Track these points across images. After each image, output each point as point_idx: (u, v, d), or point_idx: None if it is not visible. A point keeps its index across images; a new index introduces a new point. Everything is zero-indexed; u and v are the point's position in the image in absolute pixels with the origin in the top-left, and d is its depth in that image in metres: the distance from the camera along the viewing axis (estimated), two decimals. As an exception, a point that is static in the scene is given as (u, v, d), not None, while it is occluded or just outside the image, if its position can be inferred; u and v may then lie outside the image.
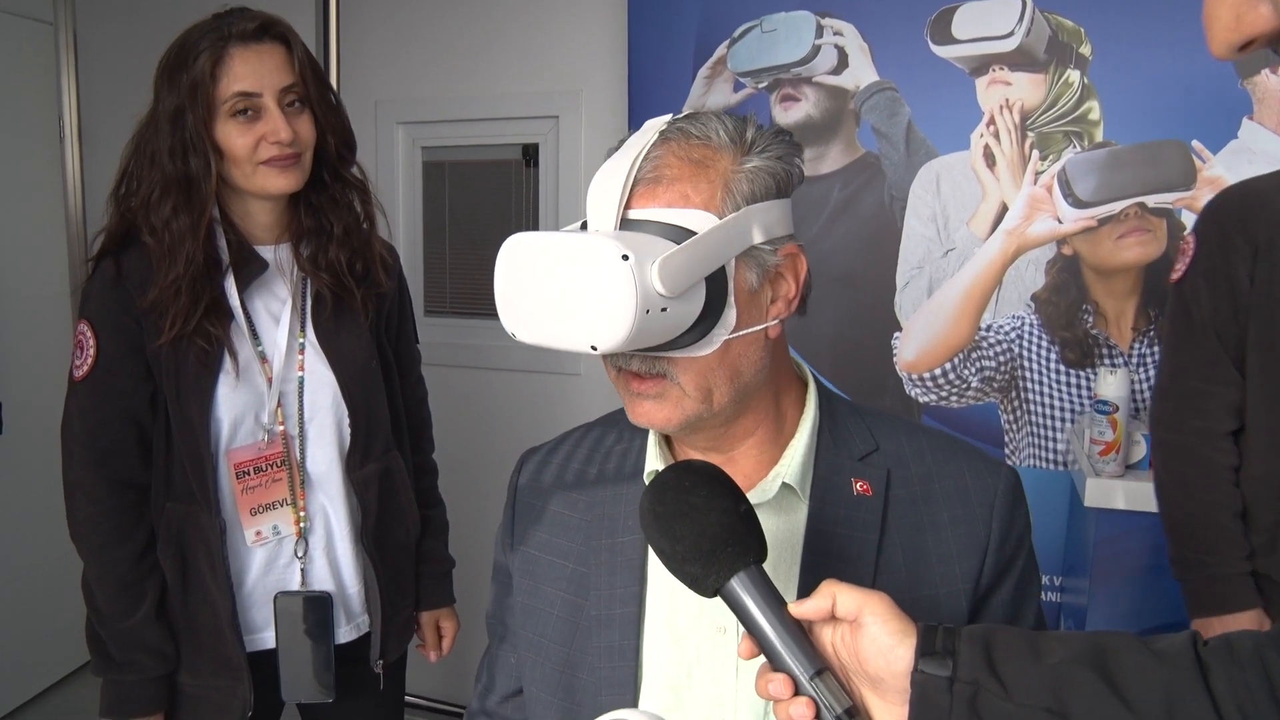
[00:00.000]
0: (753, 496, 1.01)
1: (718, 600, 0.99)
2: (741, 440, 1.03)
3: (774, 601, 0.82)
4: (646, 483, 1.06)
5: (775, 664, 0.80)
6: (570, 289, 0.87)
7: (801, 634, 0.81)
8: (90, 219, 3.40)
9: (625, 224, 0.90)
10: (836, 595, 0.80)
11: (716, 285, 0.91)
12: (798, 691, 0.79)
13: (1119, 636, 0.76)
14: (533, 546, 1.13)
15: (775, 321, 0.97)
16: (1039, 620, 1.07)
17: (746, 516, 0.84)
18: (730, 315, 0.92)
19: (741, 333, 0.94)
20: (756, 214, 0.93)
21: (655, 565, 1.04)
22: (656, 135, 0.94)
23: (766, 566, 0.99)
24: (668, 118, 0.97)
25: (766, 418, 1.03)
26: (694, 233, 0.89)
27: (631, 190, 0.92)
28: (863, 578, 0.99)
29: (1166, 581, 2.04)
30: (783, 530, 1.02)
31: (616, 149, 0.95)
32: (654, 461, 1.06)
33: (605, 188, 0.91)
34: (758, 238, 0.93)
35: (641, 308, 0.84)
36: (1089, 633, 0.77)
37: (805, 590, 0.94)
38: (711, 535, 0.82)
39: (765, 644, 0.81)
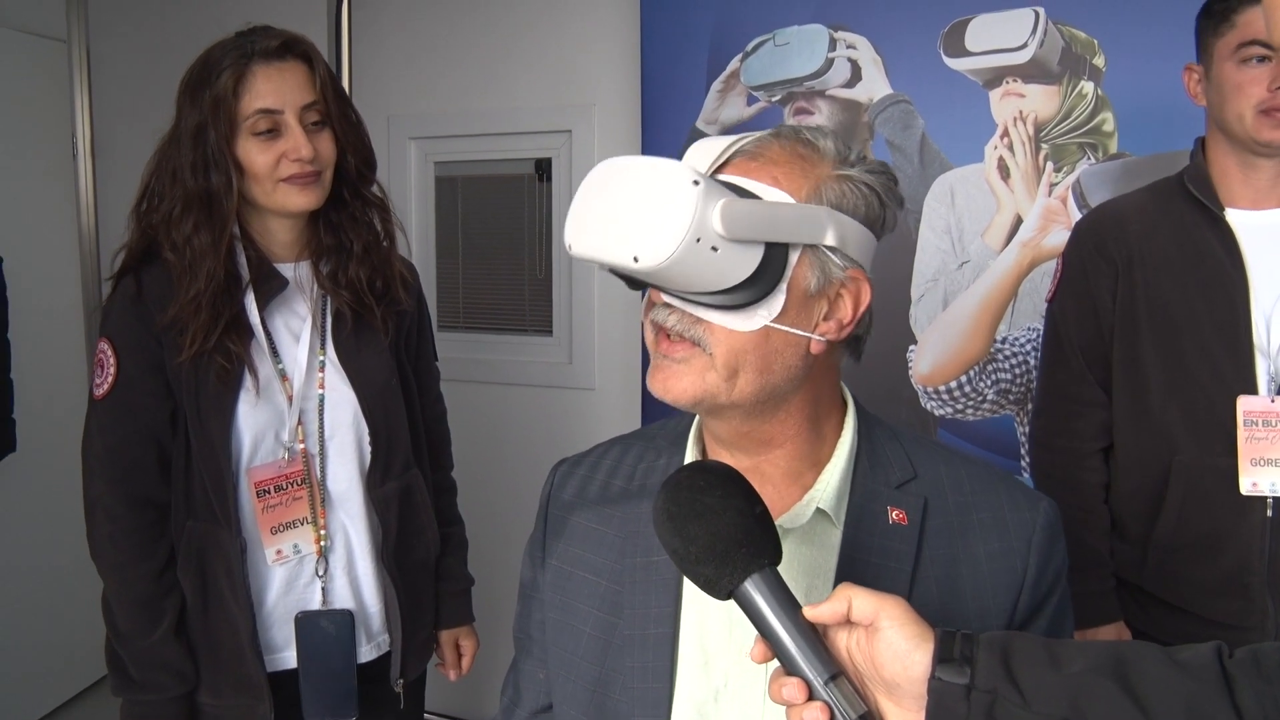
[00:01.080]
0: (786, 521, 1.00)
1: (747, 624, 0.99)
2: (770, 447, 1.01)
3: (788, 605, 0.81)
4: None
5: (789, 668, 0.79)
6: (631, 202, 0.88)
7: (816, 638, 0.80)
8: (104, 235, 3.41)
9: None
10: (852, 599, 0.79)
11: (774, 261, 0.91)
12: (812, 696, 0.78)
13: (1140, 646, 0.75)
14: (565, 561, 1.11)
15: (821, 338, 0.96)
16: None
17: (761, 518, 0.84)
18: (778, 301, 0.92)
19: (784, 327, 0.93)
20: (837, 219, 0.93)
21: (691, 585, 1.02)
22: (770, 131, 0.98)
23: (799, 593, 0.98)
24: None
25: (800, 432, 1.01)
26: None
27: (729, 159, 0.95)
28: None
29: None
30: (815, 557, 1.01)
31: None
32: None
33: (704, 149, 0.95)
34: (829, 240, 0.93)
35: (694, 233, 0.85)
36: (1109, 642, 0.76)
37: None
38: (726, 536, 0.81)
39: (779, 648, 0.80)
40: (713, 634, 1.01)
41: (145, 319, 1.56)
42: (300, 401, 1.63)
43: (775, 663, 0.82)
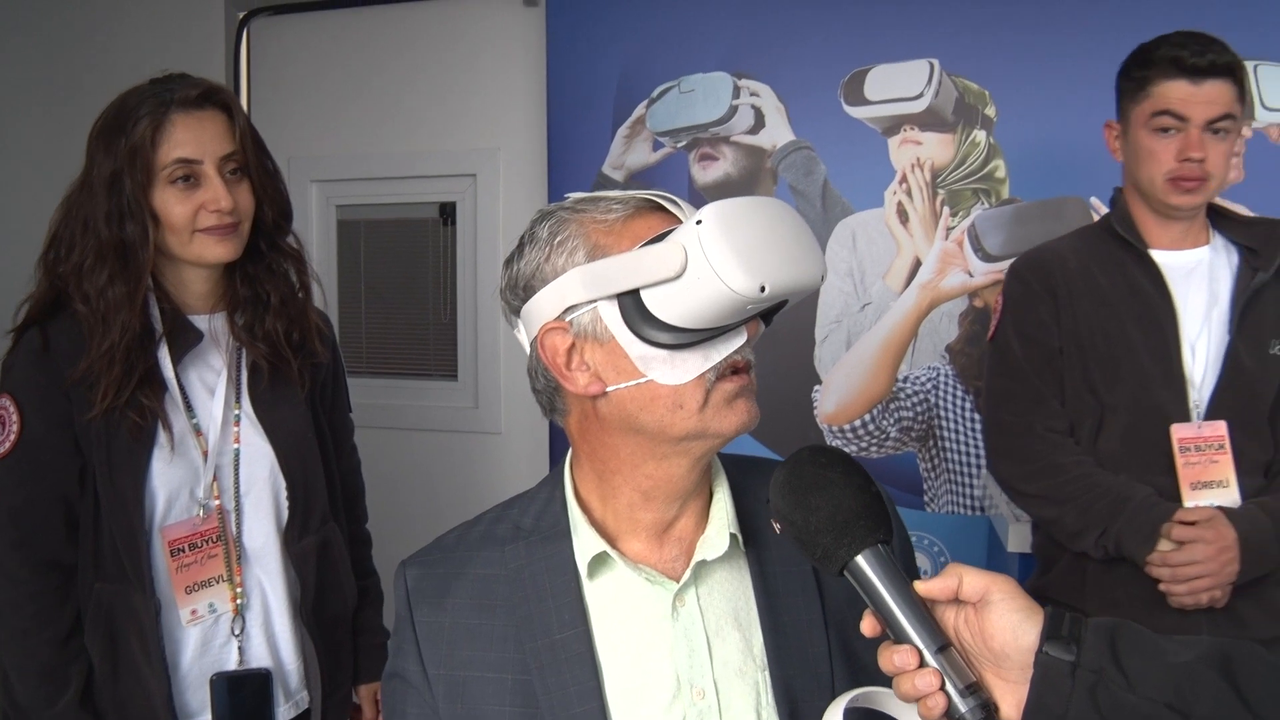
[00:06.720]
0: (707, 553, 1.01)
1: (694, 668, 0.98)
2: (696, 498, 1.04)
3: (900, 579, 0.83)
4: (584, 574, 1.02)
5: (900, 638, 0.82)
6: (801, 231, 0.97)
7: (927, 611, 0.83)
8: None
9: None
10: (963, 576, 0.81)
11: None
12: (922, 664, 0.80)
13: (1244, 645, 0.78)
14: (454, 668, 1.04)
15: None
16: None
17: (877, 497, 0.86)
18: None
19: None
20: None
21: (606, 653, 1.01)
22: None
23: (728, 619, 1.00)
24: None
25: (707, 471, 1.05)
26: None
27: None
28: (812, 608, 1.02)
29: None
30: (731, 581, 1.03)
31: None
32: (591, 543, 1.02)
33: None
34: None
35: None
36: (1214, 639, 0.79)
37: (768, 629, 1.00)
38: (847, 507, 0.84)
39: (891, 619, 0.82)
40: (656, 688, 1.00)
41: (52, 374, 1.49)
42: (215, 457, 1.58)
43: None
